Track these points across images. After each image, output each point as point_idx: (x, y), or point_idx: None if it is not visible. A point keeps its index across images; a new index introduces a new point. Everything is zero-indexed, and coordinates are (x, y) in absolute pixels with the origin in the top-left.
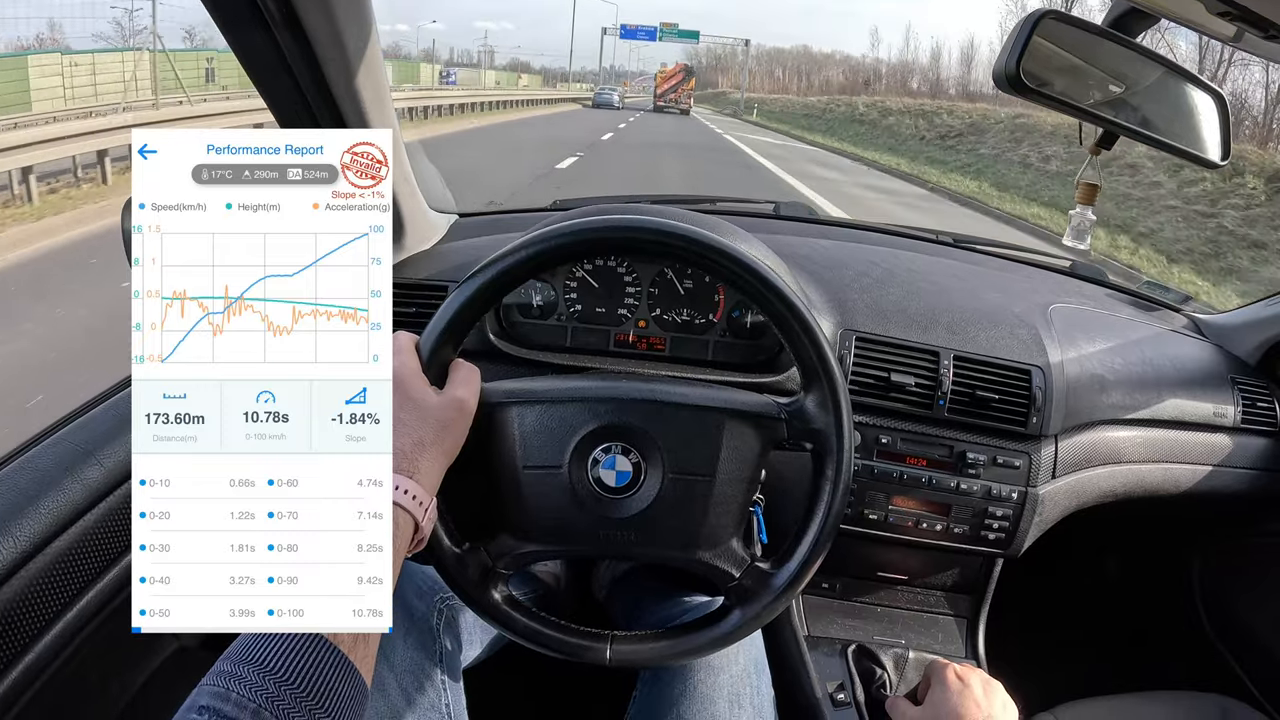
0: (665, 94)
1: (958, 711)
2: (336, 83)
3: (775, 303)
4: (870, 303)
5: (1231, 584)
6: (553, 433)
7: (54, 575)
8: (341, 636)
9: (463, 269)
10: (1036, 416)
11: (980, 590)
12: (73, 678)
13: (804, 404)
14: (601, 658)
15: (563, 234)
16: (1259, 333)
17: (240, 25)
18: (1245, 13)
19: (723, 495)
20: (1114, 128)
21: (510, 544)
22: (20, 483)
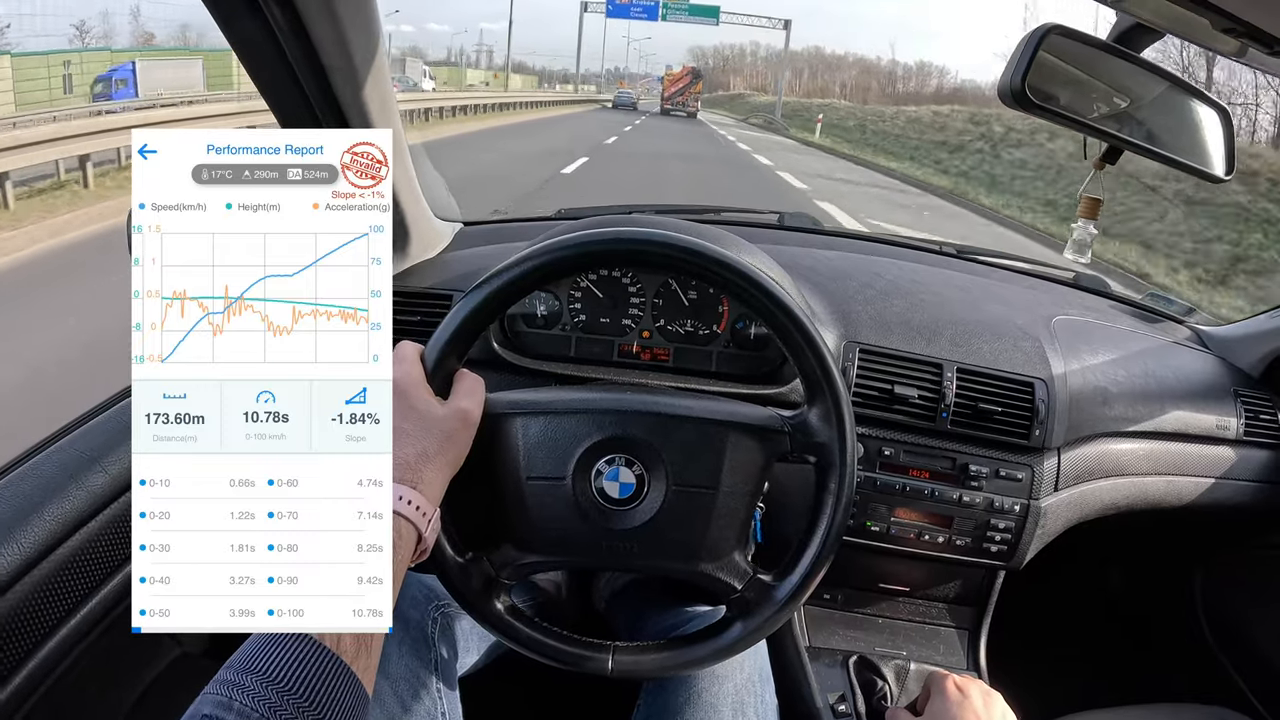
0: (672, 97)
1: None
2: (342, 88)
3: (779, 316)
4: (874, 314)
5: (1233, 596)
6: (556, 444)
7: (57, 582)
8: (344, 646)
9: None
10: (1039, 429)
11: (982, 602)
12: (75, 685)
13: (807, 417)
14: (603, 668)
15: (568, 246)
16: (1262, 345)
17: (243, 28)
18: (1250, 29)
19: (725, 508)
20: (1119, 142)
21: (513, 554)
22: (24, 489)
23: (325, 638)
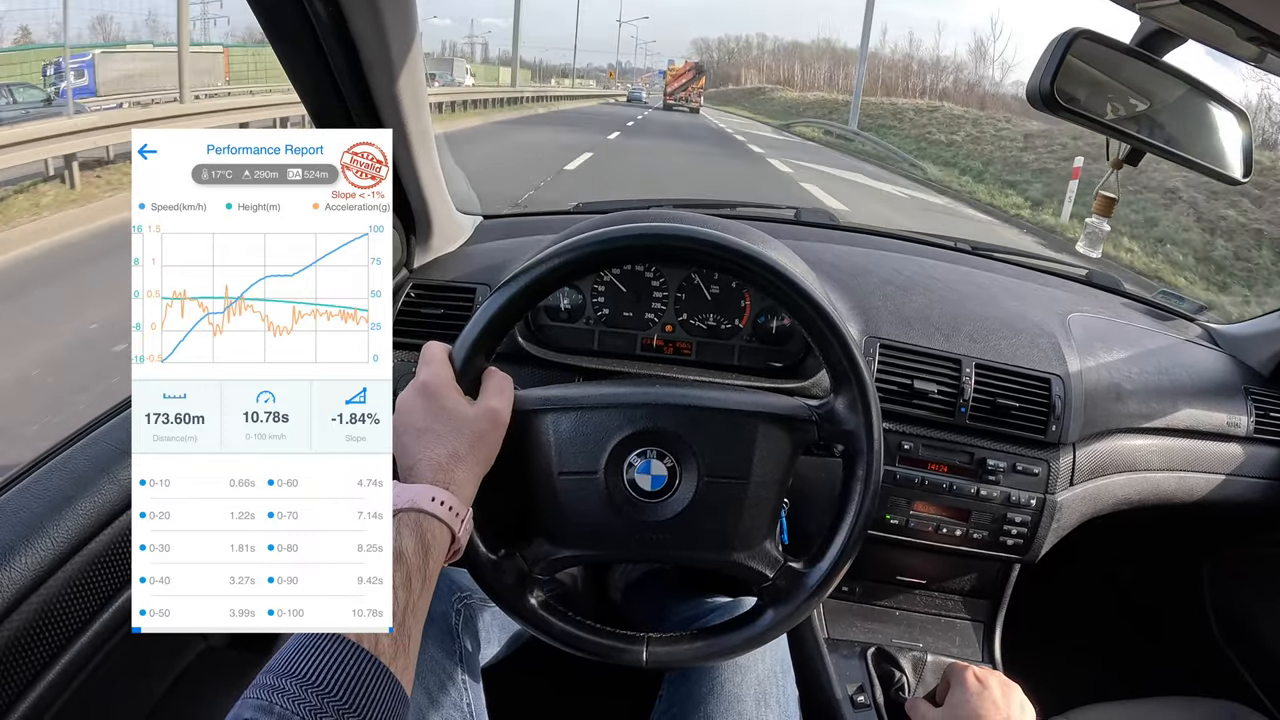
0: (675, 92)
1: (977, 713)
2: (378, 82)
3: (804, 306)
4: (894, 310)
5: (1242, 592)
6: (588, 439)
7: (84, 580)
8: (382, 648)
9: (490, 271)
10: (1056, 424)
11: (997, 595)
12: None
13: (834, 406)
14: (638, 660)
15: (595, 242)
16: (1272, 344)
17: (283, 22)
18: (1273, 37)
19: (756, 497)
20: (1140, 144)
21: (546, 549)
22: (51, 485)
23: (364, 639)
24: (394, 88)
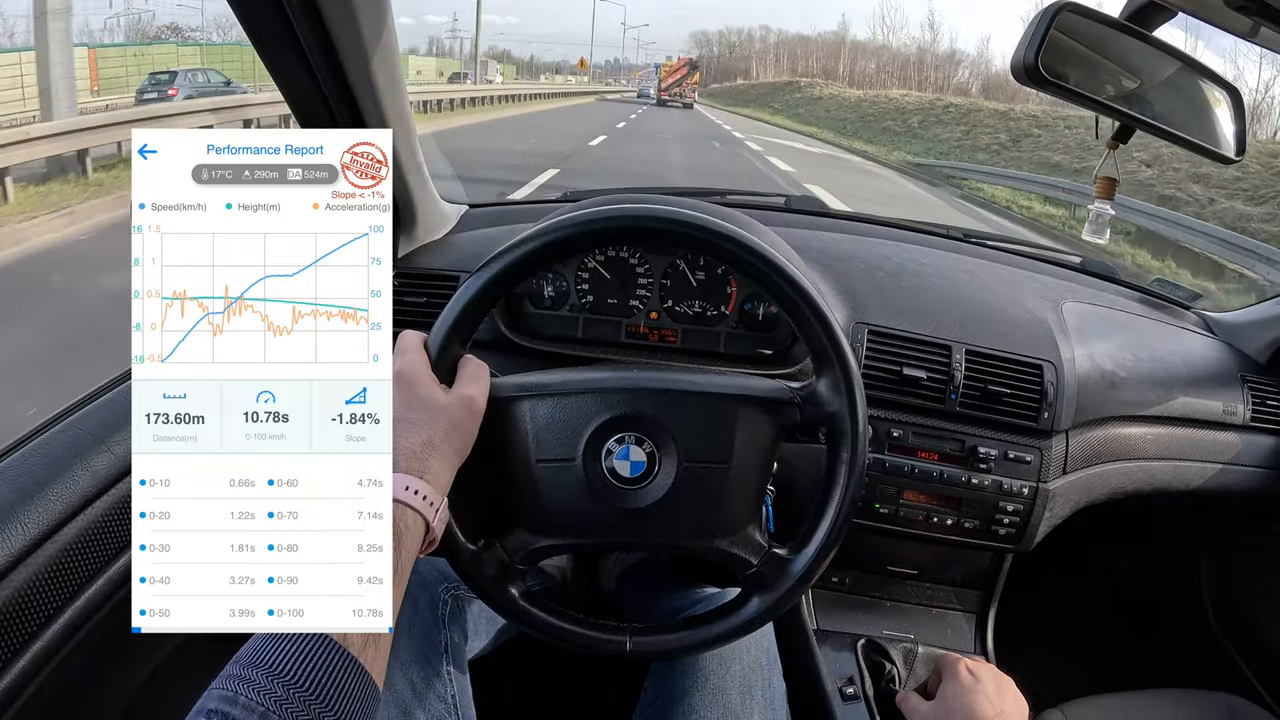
0: (670, 88)
1: (970, 707)
2: (356, 79)
3: (784, 287)
4: (882, 296)
5: (1239, 582)
6: (565, 425)
7: (62, 564)
8: (352, 639)
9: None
10: (1048, 412)
11: (990, 586)
12: (79, 668)
13: (816, 388)
14: (621, 650)
15: (570, 225)
16: (1268, 331)
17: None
18: (1265, 8)
19: (738, 482)
20: (1130, 121)
21: (526, 539)
22: (29, 468)
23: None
24: (371, 80)
